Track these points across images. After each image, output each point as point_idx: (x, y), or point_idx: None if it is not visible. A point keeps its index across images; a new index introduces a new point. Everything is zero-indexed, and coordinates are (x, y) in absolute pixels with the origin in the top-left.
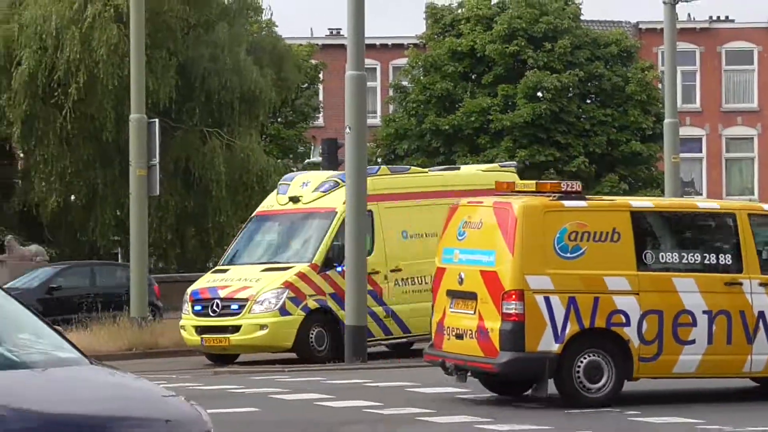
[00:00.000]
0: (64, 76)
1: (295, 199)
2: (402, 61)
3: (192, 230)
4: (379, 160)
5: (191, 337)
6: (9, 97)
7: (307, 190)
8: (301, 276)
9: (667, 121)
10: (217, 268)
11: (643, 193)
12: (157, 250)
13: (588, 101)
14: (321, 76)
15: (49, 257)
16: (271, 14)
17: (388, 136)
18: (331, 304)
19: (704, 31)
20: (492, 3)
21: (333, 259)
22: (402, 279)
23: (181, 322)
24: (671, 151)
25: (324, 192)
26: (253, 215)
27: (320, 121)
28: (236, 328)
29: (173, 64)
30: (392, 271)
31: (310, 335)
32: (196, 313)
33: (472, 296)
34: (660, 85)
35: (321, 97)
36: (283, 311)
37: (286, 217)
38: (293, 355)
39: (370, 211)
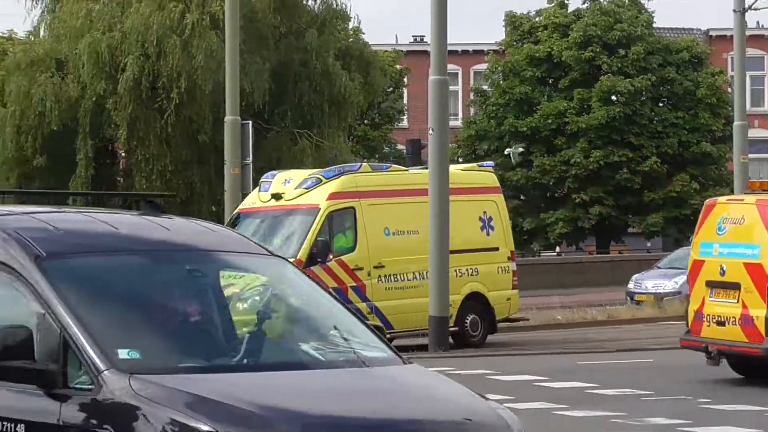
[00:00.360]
0: (168, 82)
1: (277, 196)
2: (482, 67)
3: None
4: (460, 159)
5: None
6: (115, 102)
7: (290, 187)
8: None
9: (736, 123)
10: None
11: (714, 192)
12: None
13: (660, 104)
14: (405, 80)
15: None
16: (359, 22)
17: (469, 137)
18: None
19: None
20: (568, 11)
21: (317, 254)
22: (385, 275)
23: None
24: (740, 151)
25: (307, 189)
26: (235, 212)
27: (404, 123)
28: None
29: (266, 69)
30: (375, 267)
31: None
32: None
33: (734, 286)
34: (729, 90)
35: (405, 100)
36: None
37: (268, 214)
38: None
39: (353, 207)
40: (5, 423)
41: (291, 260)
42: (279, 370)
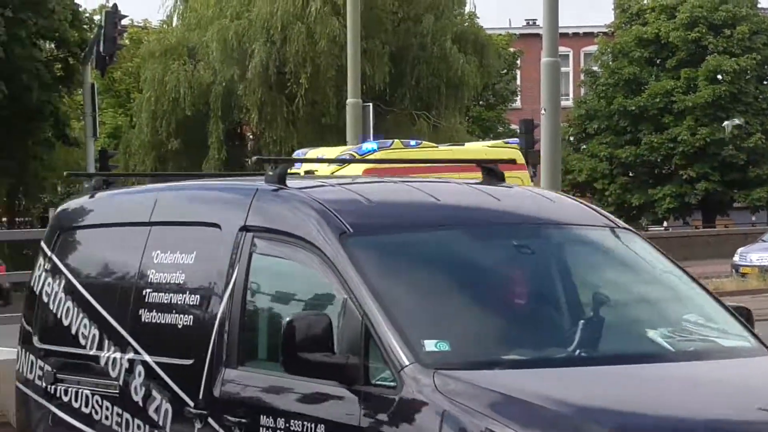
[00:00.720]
0: (293, 67)
1: (310, 173)
2: (592, 48)
3: None
4: (571, 138)
5: None
6: (244, 87)
7: (322, 164)
8: None
9: None
10: None
11: None
12: None
13: (765, 83)
14: (518, 62)
15: None
16: (474, 6)
17: (579, 116)
18: None
19: None
20: None
21: None
22: None
23: None
24: None
25: (340, 166)
26: None
27: (517, 104)
28: None
29: (386, 53)
30: None
31: None
32: None
33: None
34: None
35: (518, 82)
36: None
37: None
38: None
39: None
40: (305, 423)
41: None
42: (617, 364)
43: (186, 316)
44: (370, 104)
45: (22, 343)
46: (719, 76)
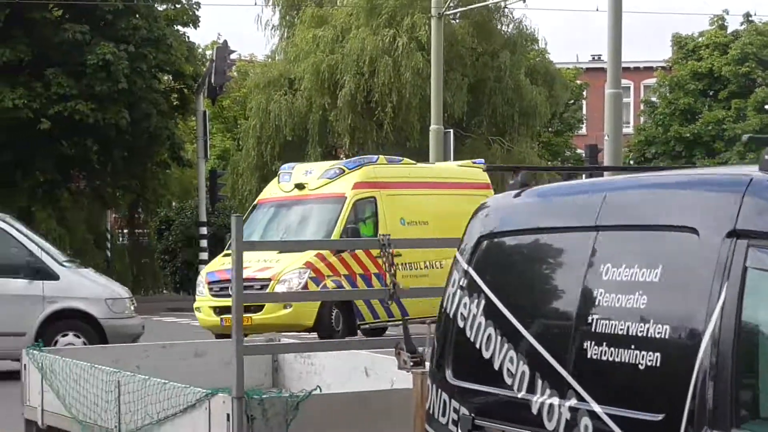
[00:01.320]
0: (380, 97)
1: (300, 186)
2: (651, 81)
3: None
4: (632, 162)
5: (208, 318)
6: (335, 114)
7: (312, 177)
8: (320, 257)
9: None
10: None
11: None
12: None
13: None
14: (584, 93)
15: None
16: (545, 43)
17: (639, 142)
18: (345, 284)
19: None
20: (728, 32)
21: None
22: (402, 264)
23: (196, 304)
24: None
25: (330, 179)
26: (256, 203)
27: (583, 131)
28: (259, 308)
29: (465, 84)
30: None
31: (331, 314)
32: (215, 295)
33: None
34: None
35: (584, 111)
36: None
37: (294, 203)
38: None
39: (374, 197)
40: None
41: None
42: None
43: (650, 353)
44: (451, 130)
45: (432, 376)
46: (766, 107)
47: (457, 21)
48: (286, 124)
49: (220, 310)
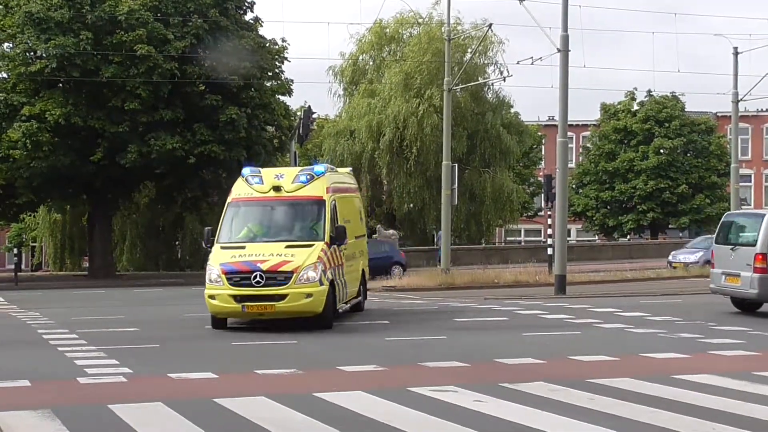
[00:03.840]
0: (409, 143)
1: (277, 188)
2: (587, 133)
3: (473, 222)
4: (574, 186)
5: (227, 305)
6: (379, 153)
7: (285, 181)
8: (324, 252)
9: (732, 165)
10: (229, 244)
11: (719, 207)
12: (455, 232)
13: (688, 154)
14: (543, 141)
15: (400, 237)
16: (516, 106)
17: (578, 173)
18: (336, 275)
19: (754, 117)
20: (636, 102)
21: (336, 238)
22: (346, 255)
23: (209, 293)
24: (735, 182)
25: (303, 183)
26: (231, 201)
27: (542, 165)
28: (282, 297)
29: (464, 134)
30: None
31: (334, 301)
32: (235, 284)
33: None
34: (728, 146)
35: (543, 152)
36: (320, 282)
37: (276, 203)
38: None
39: (335, 200)
40: None
41: (323, 243)
42: None
43: None
44: (456, 165)
45: None
46: (661, 151)
47: (460, 93)
48: (347, 160)
49: (240, 298)
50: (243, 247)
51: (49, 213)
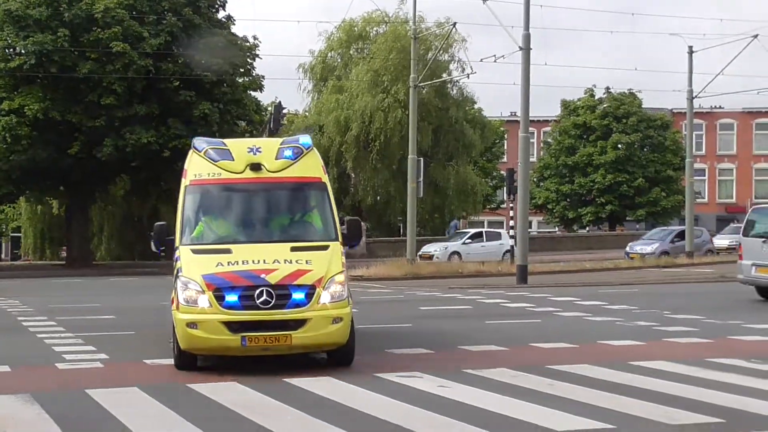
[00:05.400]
0: (374, 136)
1: (256, 167)
2: (547, 128)
3: (436, 214)
4: (535, 179)
5: (217, 336)
6: (345, 147)
7: (264, 157)
8: (342, 252)
9: (687, 160)
10: (205, 247)
11: (674, 200)
12: (420, 223)
13: (644, 149)
14: (506, 136)
15: (366, 228)
16: (480, 102)
17: (540, 167)
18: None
19: (707, 113)
20: (595, 98)
21: (350, 236)
22: None
23: (185, 318)
24: (689, 176)
25: (290, 160)
26: (189, 184)
27: (505, 159)
28: (301, 323)
29: (429, 129)
30: None
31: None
32: (230, 306)
33: None
34: (683, 141)
35: (505, 147)
36: (348, 299)
37: (259, 188)
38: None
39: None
40: None
41: (338, 242)
42: None
43: None
44: (421, 159)
45: None
46: (619, 146)
47: (425, 89)
48: None
49: (239, 327)
50: (228, 251)
51: (29, 204)
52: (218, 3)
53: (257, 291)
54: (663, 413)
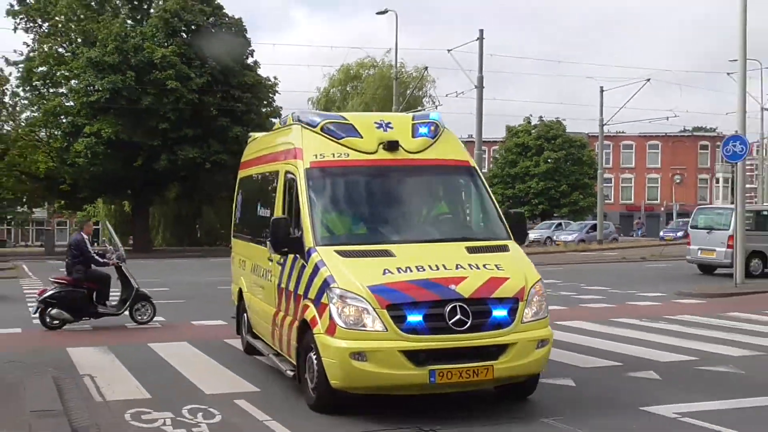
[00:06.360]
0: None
1: (392, 146)
2: (496, 147)
3: None
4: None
5: (395, 371)
6: None
7: (398, 134)
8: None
9: (599, 171)
10: (353, 248)
11: (587, 201)
12: None
13: (567, 163)
14: None
15: None
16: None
17: (490, 177)
18: None
19: (613, 137)
20: (531, 124)
21: (518, 233)
22: None
23: (349, 347)
24: (600, 184)
25: (429, 138)
26: (309, 167)
27: None
28: (502, 349)
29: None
30: None
31: None
32: (413, 330)
33: None
34: (596, 157)
35: None
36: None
37: (399, 172)
38: None
39: None
40: None
41: (510, 241)
42: None
43: None
44: None
45: None
46: (549, 160)
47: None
48: None
49: (427, 357)
50: (388, 253)
51: (104, 204)
52: (248, 51)
53: (448, 308)
54: (579, 359)
